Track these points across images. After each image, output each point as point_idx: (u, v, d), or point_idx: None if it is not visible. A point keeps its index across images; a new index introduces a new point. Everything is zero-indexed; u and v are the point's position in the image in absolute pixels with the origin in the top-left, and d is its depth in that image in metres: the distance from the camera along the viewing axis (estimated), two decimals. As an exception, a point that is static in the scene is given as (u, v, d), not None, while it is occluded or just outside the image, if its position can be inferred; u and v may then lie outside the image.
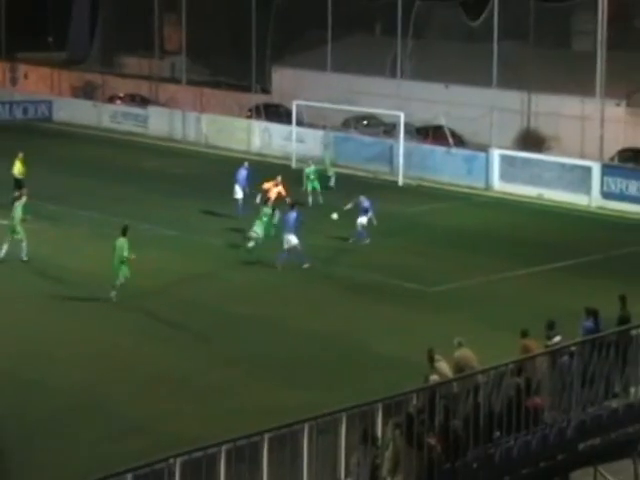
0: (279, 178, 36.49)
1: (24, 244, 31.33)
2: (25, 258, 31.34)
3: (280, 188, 35.98)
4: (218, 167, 42.44)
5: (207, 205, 39.11)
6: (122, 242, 28.07)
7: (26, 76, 71.17)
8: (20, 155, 39.89)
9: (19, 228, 31.45)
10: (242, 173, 38.11)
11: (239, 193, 37.68)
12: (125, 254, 27.87)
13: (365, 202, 33.73)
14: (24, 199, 32.12)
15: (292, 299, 29.01)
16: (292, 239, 30.85)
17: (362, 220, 33.31)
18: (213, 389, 22.45)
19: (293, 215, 31.18)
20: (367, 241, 33.51)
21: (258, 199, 35.45)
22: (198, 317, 27.20)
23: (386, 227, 36.77)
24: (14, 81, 70.61)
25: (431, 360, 19.18)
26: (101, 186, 43.24)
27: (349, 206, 34.52)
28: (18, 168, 40.01)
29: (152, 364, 23.73)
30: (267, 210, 32.22)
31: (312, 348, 25.07)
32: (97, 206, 38.92)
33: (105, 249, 33.00)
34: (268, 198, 34.56)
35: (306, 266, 30.94)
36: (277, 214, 32.72)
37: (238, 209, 37.40)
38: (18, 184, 38.21)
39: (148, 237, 34.12)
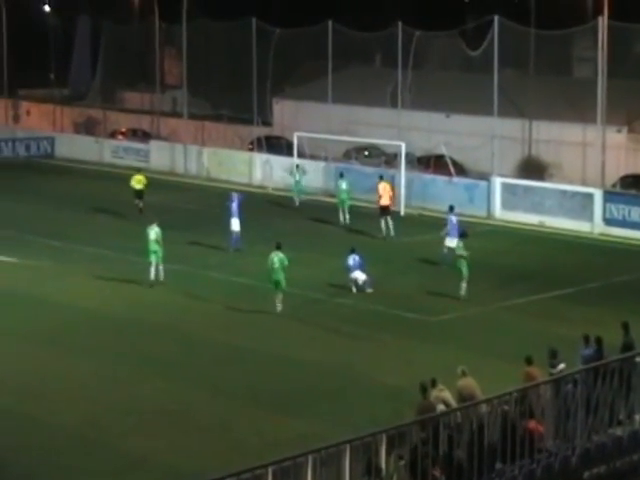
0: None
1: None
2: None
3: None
4: (220, 200, 42.45)
5: (209, 239, 39.11)
6: (282, 256, 29.96)
7: (28, 113, 71.50)
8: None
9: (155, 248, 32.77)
10: (234, 204, 37.87)
11: (235, 225, 37.58)
12: (286, 263, 29.81)
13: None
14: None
15: (293, 331, 28.93)
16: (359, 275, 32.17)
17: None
18: (214, 422, 22.36)
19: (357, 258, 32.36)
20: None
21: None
22: (199, 350, 27.14)
23: (388, 257, 36.80)
24: (16, 118, 70.92)
25: (424, 392, 19.09)
26: (103, 221, 43.30)
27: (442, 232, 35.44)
28: (139, 180, 44.63)
29: (153, 398, 23.66)
30: None
31: (314, 379, 24.99)
32: (99, 241, 38.94)
33: (108, 285, 33.12)
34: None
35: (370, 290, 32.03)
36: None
37: (232, 242, 37.34)
38: (139, 195, 44.00)
39: (147, 271, 34.08)
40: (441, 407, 18.25)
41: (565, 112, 48.27)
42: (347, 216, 42.60)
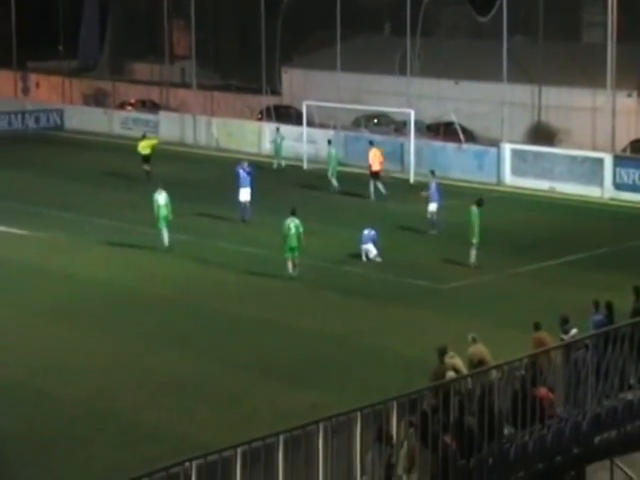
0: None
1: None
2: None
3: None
4: (230, 170, 42.46)
5: (218, 209, 39.14)
6: (297, 222, 30.08)
7: (37, 85, 71.49)
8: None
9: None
10: (242, 174, 37.86)
11: (245, 195, 37.52)
12: (301, 230, 30.05)
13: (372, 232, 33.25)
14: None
15: (303, 301, 29.00)
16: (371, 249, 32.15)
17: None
18: (226, 393, 22.46)
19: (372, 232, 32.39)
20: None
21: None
22: (210, 321, 27.23)
23: (397, 225, 36.79)
24: (26, 90, 70.94)
25: (441, 356, 19.17)
26: (113, 193, 43.36)
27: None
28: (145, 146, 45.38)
29: (165, 370, 23.76)
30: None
31: (325, 349, 25.07)
32: (109, 213, 39.03)
33: (118, 256, 33.23)
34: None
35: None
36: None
37: (241, 212, 37.29)
38: (146, 159, 44.64)
39: (160, 242, 34.19)
40: (451, 374, 18.30)
41: (575, 77, 48.02)
42: (336, 182, 42.72)
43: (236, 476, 13.58)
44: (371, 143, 43.40)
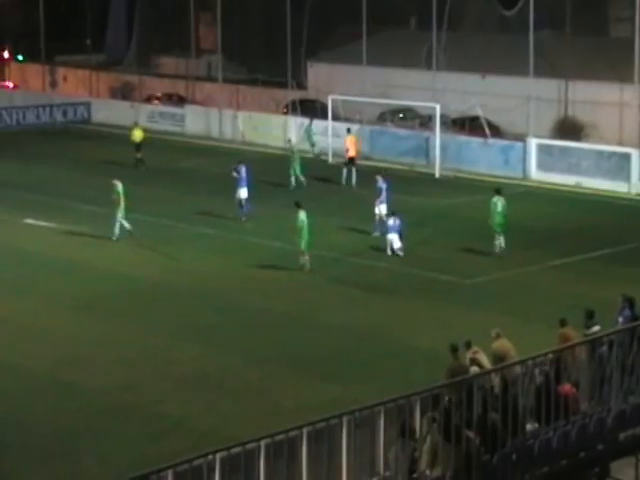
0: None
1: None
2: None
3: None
4: (255, 165, 42.51)
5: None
6: (305, 214, 30.43)
7: (65, 79, 71.87)
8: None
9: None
10: (241, 173, 37.77)
11: (243, 193, 37.22)
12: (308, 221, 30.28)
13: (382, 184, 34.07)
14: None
15: (326, 295, 29.03)
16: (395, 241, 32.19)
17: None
18: (250, 387, 22.53)
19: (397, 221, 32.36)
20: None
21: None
22: (235, 315, 27.30)
23: (422, 220, 36.73)
24: (54, 84, 71.34)
25: (454, 352, 19.15)
26: (139, 186, 43.45)
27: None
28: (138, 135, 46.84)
29: (190, 363, 23.87)
30: None
31: (348, 343, 25.09)
32: (135, 207, 39.08)
33: (144, 250, 33.35)
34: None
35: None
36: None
37: (243, 209, 37.02)
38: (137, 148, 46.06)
39: (185, 236, 34.31)
40: (475, 369, 18.27)
41: (602, 72, 47.75)
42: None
43: (259, 469, 13.62)
44: (348, 130, 45.16)
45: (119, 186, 34.56)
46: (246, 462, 13.25)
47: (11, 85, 72.96)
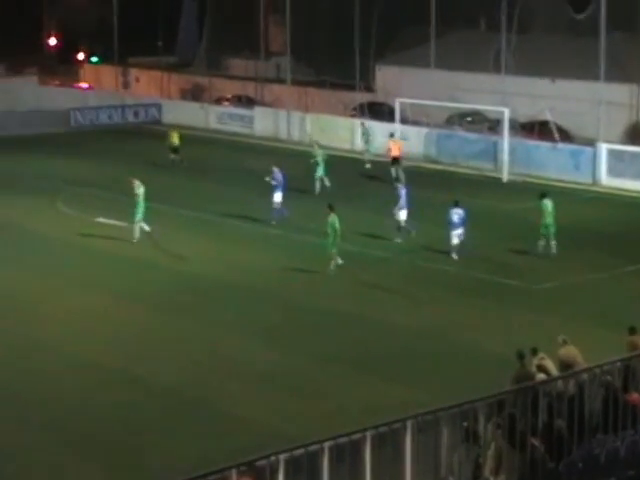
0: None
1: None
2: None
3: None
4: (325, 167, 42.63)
5: (308, 204, 39.27)
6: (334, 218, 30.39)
7: (137, 80, 72.82)
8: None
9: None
10: (279, 177, 37.74)
11: (278, 197, 37.19)
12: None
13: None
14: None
15: (391, 296, 28.99)
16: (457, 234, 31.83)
17: None
18: (315, 387, 22.58)
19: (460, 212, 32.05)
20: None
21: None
22: (300, 315, 27.40)
23: (490, 224, 36.51)
24: (126, 85, 72.29)
25: (521, 359, 18.99)
26: (208, 186, 43.82)
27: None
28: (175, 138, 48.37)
29: (255, 362, 23.98)
30: None
31: (413, 345, 25.03)
32: (203, 207, 39.44)
33: (212, 250, 33.62)
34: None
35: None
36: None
37: (275, 213, 36.90)
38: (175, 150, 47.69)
39: (251, 236, 34.44)
40: (542, 376, 18.11)
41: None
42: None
43: (323, 471, 13.63)
44: (392, 135, 45.80)
45: (140, 187, 34.35)
46: (309, 464, 13.27)
47: (85, 86, 74.05)
